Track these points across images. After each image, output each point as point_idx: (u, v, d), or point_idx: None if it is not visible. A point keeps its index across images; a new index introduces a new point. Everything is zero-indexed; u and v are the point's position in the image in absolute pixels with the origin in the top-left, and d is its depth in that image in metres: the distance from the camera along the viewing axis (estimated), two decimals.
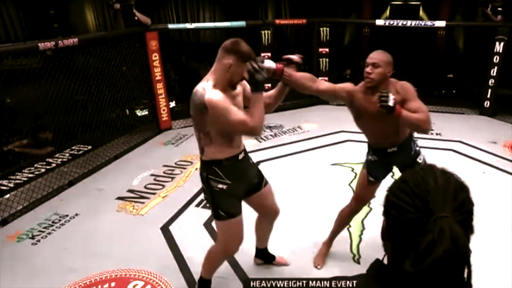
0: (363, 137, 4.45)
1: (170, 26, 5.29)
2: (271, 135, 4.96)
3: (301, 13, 8.46)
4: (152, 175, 3.97)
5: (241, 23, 5.34)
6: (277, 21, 5.67)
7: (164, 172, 4.02)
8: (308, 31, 5.98)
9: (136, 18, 4.76)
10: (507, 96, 5.56)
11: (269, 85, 3.92)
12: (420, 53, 8.56)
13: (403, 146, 2.36)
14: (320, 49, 5.79)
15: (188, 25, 5.27)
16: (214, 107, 1.82)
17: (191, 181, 3.82)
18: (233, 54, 1.85)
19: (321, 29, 5.71)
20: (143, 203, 3.47)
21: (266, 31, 5.41)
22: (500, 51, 5.08)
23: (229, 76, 1.88)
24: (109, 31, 7.36)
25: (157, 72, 4.98)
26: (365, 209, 3.25)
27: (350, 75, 7.32)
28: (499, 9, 4.87)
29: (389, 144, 2.34)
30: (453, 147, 4.42)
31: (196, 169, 4.04)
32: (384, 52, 2.22)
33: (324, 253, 2.68)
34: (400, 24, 5.31)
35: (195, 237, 2.96)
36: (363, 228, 3.02)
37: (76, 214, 3.31)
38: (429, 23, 5.34)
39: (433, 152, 4.25)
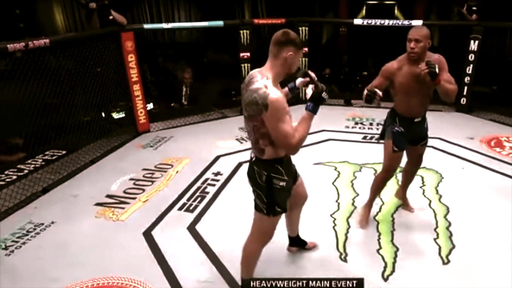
0: (345, 136, 4.58)
1: (146, 26, 5.21)
2: None
3: (278, 12, 8.53)
4: (131, 179, 3.90)
5: (219, 23, 5.32)
6: (256, 21, 5.68)
7: (143, 176, 3.96)
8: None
9: (111, 17, 4.68)
10: (482, 93, 5.77)
11: None
12: (397, 52, 8.75)
13: (424, 118, 2.83)
14: None
15: (165, 25, 5.18)
16: (276, 109, 1.83)
17: (172, 184, 3.78)
18: (290, 45, 1.89)
19: (300, 28, 5.77)
20: (123, 208, 3.41)
21: (244, 31, 5.42)
22: (475, 49, 5.26)
23: (287, 68, 1.94)
24: (82, 31, 7.21)
25: (134, 74, 4.91)
26: (349, 208, 3.33)
27: (329, 74, 7.42)
28: (474, 8, 5.05)
29: (417, 114, 2.76)
30: (432, 144, 4.52)
31: (177, 172, 4.03)
32: (422, 27, 2.60)
33: (367, 215, 3.05)
34: (378, 23, 5.42)
35: (179, 242, 2.94)
36: (349, 226, 3.06)
37: (52, 222, 3.22)
38: (406, 22, 5.47)
39: None
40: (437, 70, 2.40)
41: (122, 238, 3.01)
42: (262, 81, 1.88)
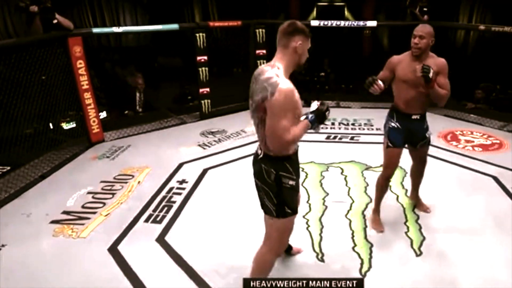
0: (308, 137, 4.70)
1: (95, 30, 5.04)
2: (214, 140, 4.96)
3: (229, 14, 8.58)
4: (89, 193, 3.75)
5: (174, 26, 5.26)
6: (211, 23, 5.69)
7: (102, 189, 3.82)
8: (241, 33, 6.07)
9: (55, 21, 4.49)
10: None
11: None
12: (349, 52, 9.19)
13: (423, 117, 2.94)
14: (258, 51, 5.92)
15: (116, 29, 5.04)
16: (282, 100, 1.82)
17: (135, 195, 3.68)
18: (299, 34, 1.94)
19: (257, 30, 5.84)
20: (83, 224, 3.26)
21: (200, 34, 5.40)
22: None
23: (298, 58, 1.97)
24: (24, 37, 6.80)
25: (84, 81, 4.73)
26: (320, 208, 3.42)
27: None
28: (425, 9, 5.41)
29: (415, 111, 2.87)
30: None
31: (139, 182, 3.93)
32: (427, 25, 2.77)
33: (378, 219, 3.13)
34: (334, 25, 5.62)
35: (149, 255, 2.86)
36: (322, 226, 3.15)
37: (3, 245, 3.01)
38: (361, 23, 5.74)
39: (375, 147, 4.56)
40: (431, 74, 2.58)
41: (85, 256, 2.88)
42: (273, 71, 1.89)
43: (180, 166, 4.25)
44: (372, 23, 5.78)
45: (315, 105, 2.07)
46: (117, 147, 4.81)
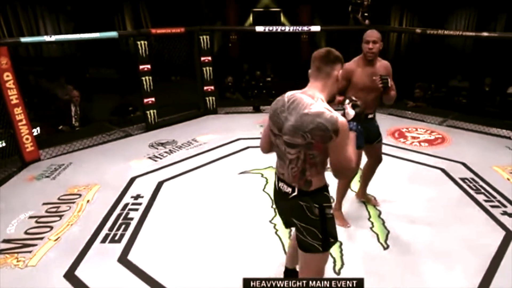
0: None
1: (23, 39, 4.74)
2: (165, 152, 4.87)
3: (163, 21, 8.52)
4: (31, 217, 3.51)
5: (113, 34, 5.11)
6: (153, 31, 5.60)
7: (46, 211, 3.60)
8: (178, 40, 6.04)
9: None
10: None
11: None
12: (288, 56, 9.54)
13: (375, 115, 3.24)
14: (203, 58, 5.94)
15: (47, 38, 4.78)
16: (344, 134, 1.77)
17: (86, 216, 3.51)
18: (339, 61, 1.91)
19: (201, 37, 5.86)
20: (30, 252, 3.05)
21: (142, 42, 5.30)
22: None
23: (336, 88, 1.94)
24: None
25: (13, 95, 4.44)
26: None
27: (232, 82, 7.68)
28: (366, 14, 5.82)
29: (369, 111, 3.10)
30: None
31: (88, 201, 3.76)
32: (375, 30, 3.00)
33: (342, 216, 3.32)
34: (279, 30, 5.81)
35: (113, 277, 2.75)
36: (290, 229, 3.23)
37: None
38: (305, 28, 5.99)
39: None
40: (389, 84, 2.89)
41: (39, 286, 2.70)
42: (320, 104, 1.81)
43: (132, 180, 4.13)
44: (316, 28, 6.06)
45: (352, 112, 2.01)
46: (56, 165, 4.55)
